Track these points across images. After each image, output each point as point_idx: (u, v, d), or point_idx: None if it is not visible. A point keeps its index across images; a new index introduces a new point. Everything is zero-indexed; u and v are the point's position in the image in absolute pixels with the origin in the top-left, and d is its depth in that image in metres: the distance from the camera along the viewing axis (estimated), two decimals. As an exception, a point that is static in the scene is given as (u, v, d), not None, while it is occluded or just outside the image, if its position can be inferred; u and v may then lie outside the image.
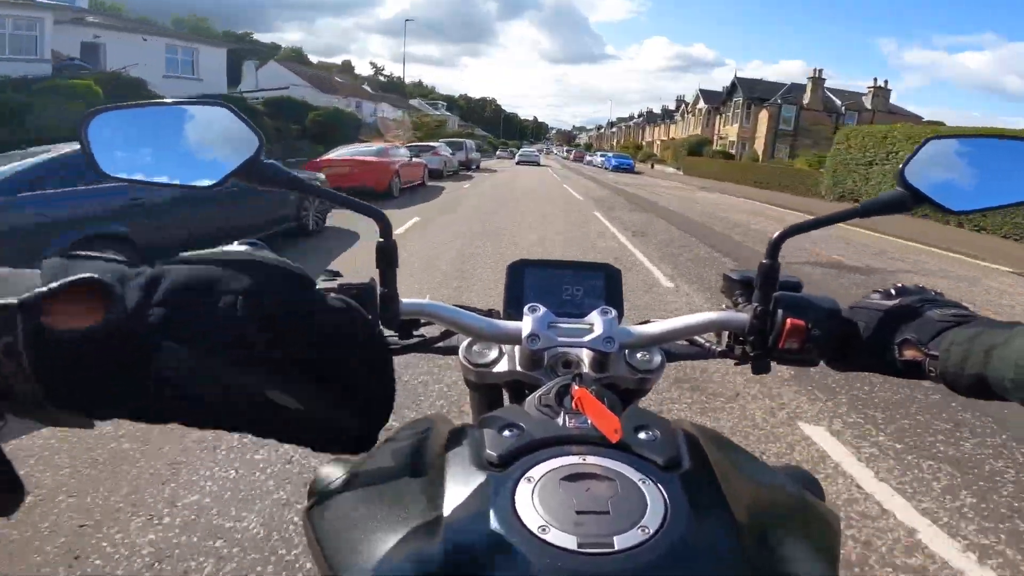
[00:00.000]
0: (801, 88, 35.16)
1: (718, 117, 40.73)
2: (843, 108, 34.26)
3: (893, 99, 35.02)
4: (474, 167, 24.11)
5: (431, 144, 18.43)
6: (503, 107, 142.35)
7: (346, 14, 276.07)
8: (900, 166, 0.50)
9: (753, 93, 35.84)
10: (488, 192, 13.51)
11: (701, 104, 43.62)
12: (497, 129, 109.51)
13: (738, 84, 36.74)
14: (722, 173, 26.99)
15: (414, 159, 12.92)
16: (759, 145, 34.45)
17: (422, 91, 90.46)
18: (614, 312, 0.55)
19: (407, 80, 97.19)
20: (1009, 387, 0.39)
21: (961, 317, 0.46)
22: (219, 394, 0.28)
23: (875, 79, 35.90)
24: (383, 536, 0.36)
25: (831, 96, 35.18)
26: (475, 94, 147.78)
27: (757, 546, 0.34)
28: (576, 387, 0.44)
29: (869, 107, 33.69)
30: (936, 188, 0.50)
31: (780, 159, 31.63)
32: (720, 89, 43.70)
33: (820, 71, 34.62)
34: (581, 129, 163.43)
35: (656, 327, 0.57)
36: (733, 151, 34.97)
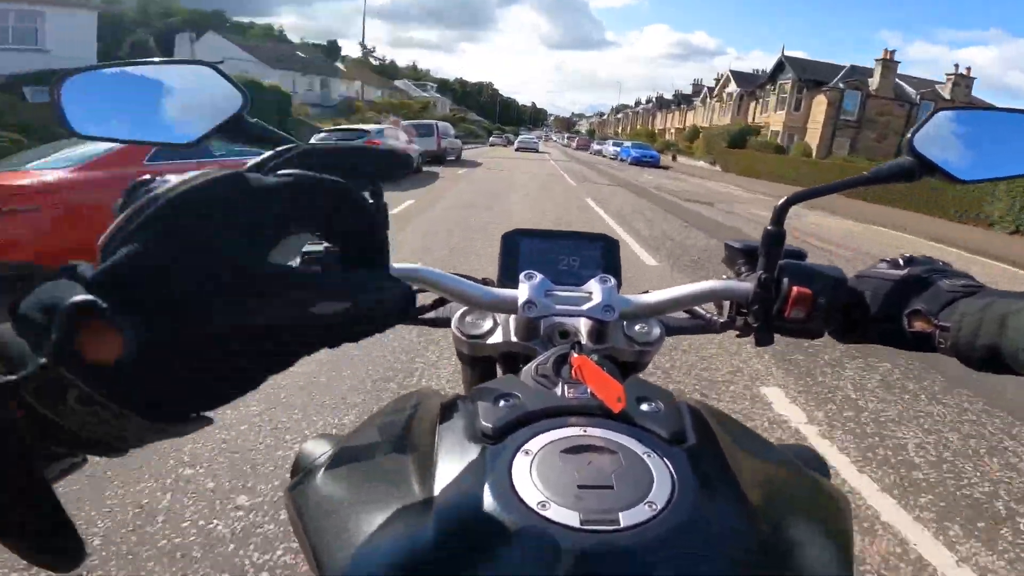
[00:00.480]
0: (865, 72, 28.77)
1: (753, 103, 34.18)
2: (918, 98, 27.94)
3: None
4: (451, 158, 18.15)
5: (362, 128, 12.14)
6: (500, 93, 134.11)
7: None
8: (909, 135, 0.50)
9: (806, 75, 29.39)
10: (446, 221, 6.87)
11: (732, 87, 35.89)
12: (494, 115, 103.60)
13: (787, 63, 30.46)
14: (777, 172, 21.19)
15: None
16: (812, 137, 28.40)
17: (416, 74, 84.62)
18: (613, 280, 0.53)
19: (401, 64, 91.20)
20: (1022, 358, 0.38)
21: (971, 287, 0.46)
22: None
23: (956, 65, 29.53)
24: (371, 515, 0.34)
25: (901, 84, 28.92)
26: (472, 79, 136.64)
27: (767, 525, 0.33)
28: (575, 355, 0.43)
29: (948, 97, 27.89)
30: (945, 158, 0.50)
31: (838, 155, 25.24)
32: (752, 71, 37.48)
33: (892, 53, 28.47)
34: (580, 116, 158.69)
35: (656, 296, 0.56)
36: (780, 143, 28.63)
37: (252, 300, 0.22)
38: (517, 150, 32.70)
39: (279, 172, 0.24)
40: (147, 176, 0.26)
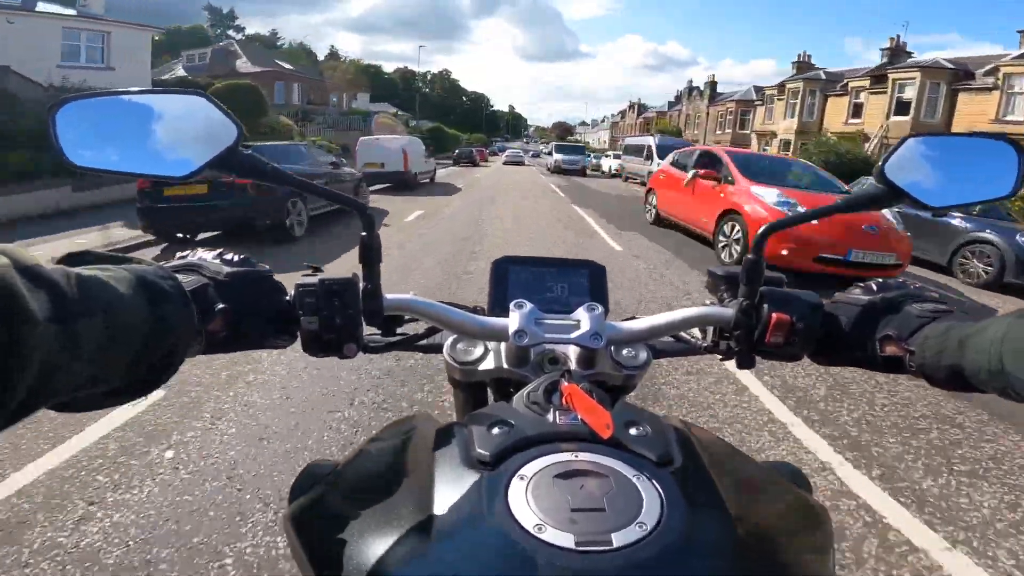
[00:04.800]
0: None
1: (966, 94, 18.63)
2: None
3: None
4: None
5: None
6: (461, 84, 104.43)
7: (313, 10, 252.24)
8: (879, 163, 0.53)
9: None
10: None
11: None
12: (459, 117, 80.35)
13: None
14: None
15: None
16: None
17: (335, 63, 62.68)
18: (601, 308, 0.56)
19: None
20: (984, 377, 0.41)
21: (940, 311, 0.50)
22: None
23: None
24: (372, 540, 0.36)
25: None
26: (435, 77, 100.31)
27: (753, 542, 0.36)
28: (565, 383, 0.46)
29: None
30: (915, 185, 0.53)
31: None
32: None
33: None
34: (562, 125, 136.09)
35: (643, 323, 0.59)
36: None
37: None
38: (505, 163, 36.90)
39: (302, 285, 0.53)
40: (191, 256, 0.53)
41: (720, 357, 0.61)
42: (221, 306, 0.47)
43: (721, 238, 6.97)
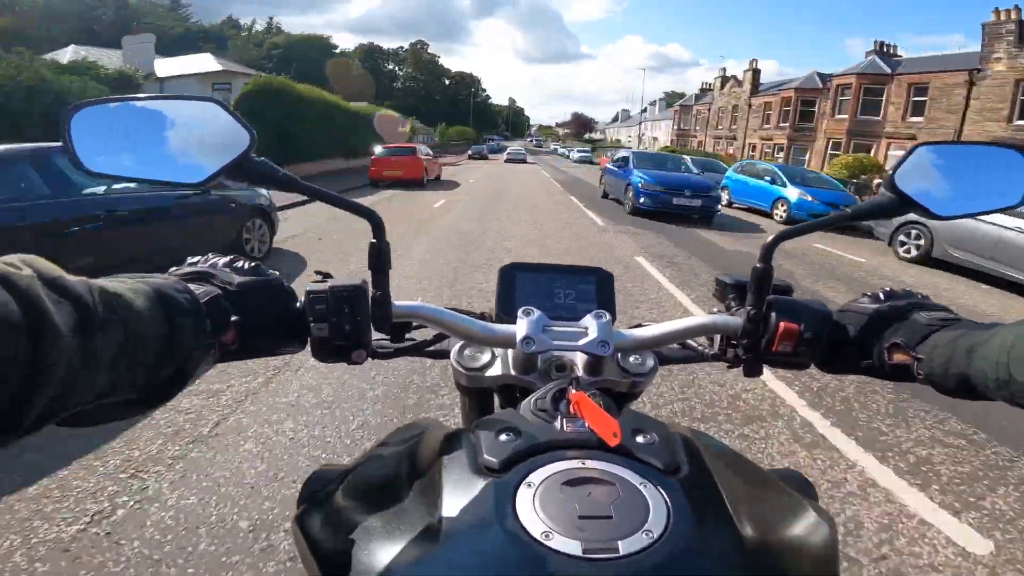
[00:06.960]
0: None
1: None
2: None
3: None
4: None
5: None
6: (440, 61, 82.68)
7: (312, 11, 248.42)
8: (890, 172, 0.54)
9: None
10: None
11: None
12: (439, 105, 61.04)
13: None
14: None
15: None
16: None
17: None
18: (608, 315, 0.57)
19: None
20: (992, 386, 0.42)
21: (947, 320, 0.51)
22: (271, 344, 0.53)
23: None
24: (380, 545, 0.37)
25: None
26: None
27: (759, 550, 0.37)
28: (573, 391, 0.46)
29: None
30: (924, 193, 0.53)
31: None
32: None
33: None
34: (563, 124, 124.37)
35: (650, 331, 0.60)
36: None
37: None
38: (507, 161, 37.08)
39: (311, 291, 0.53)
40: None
41: (727, 365, 0.62)
42: (234, 318, 0.48)
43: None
